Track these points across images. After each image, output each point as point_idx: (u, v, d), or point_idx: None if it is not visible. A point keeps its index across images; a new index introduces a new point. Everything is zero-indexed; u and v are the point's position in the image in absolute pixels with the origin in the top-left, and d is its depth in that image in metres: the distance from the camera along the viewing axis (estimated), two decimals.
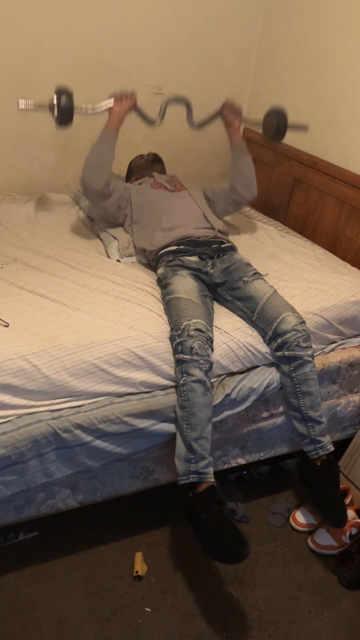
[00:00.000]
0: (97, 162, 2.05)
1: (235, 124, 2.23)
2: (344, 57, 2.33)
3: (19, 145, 2.58)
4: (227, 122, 2.23)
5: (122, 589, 1.74)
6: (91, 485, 1.73)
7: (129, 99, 2.07)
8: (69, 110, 1.97)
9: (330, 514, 1.78)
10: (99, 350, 1.58)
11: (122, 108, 2.05)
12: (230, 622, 1.69)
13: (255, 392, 1.77)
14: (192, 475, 1.60)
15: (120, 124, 2.07)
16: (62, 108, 1.96)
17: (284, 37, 2.67)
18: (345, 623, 1.72)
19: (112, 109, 2.05)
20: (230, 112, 2.21)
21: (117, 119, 2.05)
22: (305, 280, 2.04)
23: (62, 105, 1.96)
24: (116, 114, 2.05)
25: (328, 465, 1.80)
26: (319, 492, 1.79)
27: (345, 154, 2.38)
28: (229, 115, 2.21)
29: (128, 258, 2.13)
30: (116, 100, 2.05)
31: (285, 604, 1.76)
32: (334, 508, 1.78)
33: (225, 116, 2.23)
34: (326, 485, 1.78)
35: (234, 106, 2.22)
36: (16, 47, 2.37)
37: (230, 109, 2.21)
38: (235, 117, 2.22)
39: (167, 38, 2.63)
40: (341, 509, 1.79)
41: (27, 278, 1.87)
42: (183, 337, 1.62)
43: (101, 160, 2.05)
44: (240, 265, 1.96)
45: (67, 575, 1.77)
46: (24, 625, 1.62)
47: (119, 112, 2.05)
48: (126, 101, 2.06)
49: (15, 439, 1.49)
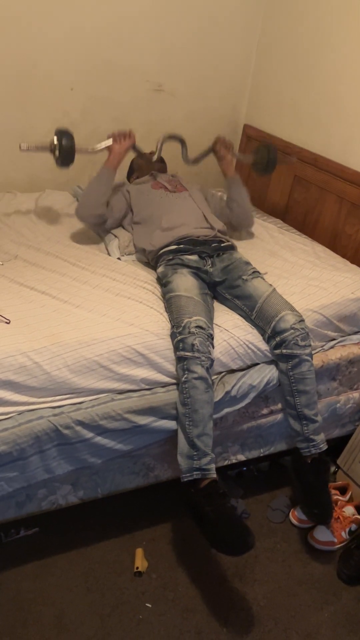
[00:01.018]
0: (92, 199, 2.13)
1: (228, 158, 2.35)
2: (344, 55, 2.33)
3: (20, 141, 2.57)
4: (220, 156, 2.35)
5: (123, 585, 1.75)
6: (92, 481, 1.73)
7: (127, 138, 2.16)
8: (71, 151, 2.03)
9: (316, 511, 1.81)
10: (100, 347, 1.59)
11: (121, 147, 2.15)
12: (230, 617, 1.70)
13: (255, 389, 1.78)
14: (196, 472, 1.60)
15: (119, 163, 2.16)
16: (63, 149, 2.02)
17: (283, 35, 2.66)
18: (345, 618, 1.73)
19: (111, 148, 2.14)
20: (222, 147, 2.34)
21: (117, 158, 2.14)
22: (305, 278, 2.04)
23: (64, 146, 2.02)
24: (116, 153, 2.14)
25: (319, 463, 1.82)
26: (307, 489, 1.81)
27: (345, 151, 2.38)
28: (221, 150, 2.34)
29: (128, 256, 2.14)
30: (115, 140, 2.13)
31: (285, 599, 1.77)
32: (320, 506, 1.81)
33: (217, 151, 2.35)
34: (315, 482, 1.80)
35: (225, 141, 2.35)
36: (18, 45, 2.37)
37: (222, 144, 2.33)
38: (227, 151, 2.34)
39: (168, 35, 2.62)
40: (328, 507, 1.82)
41: (28, 275, 1.87)
42: (184, 334, 1.63)
43: (97, 197, 2.13)
44: (239, 264, 1.96)
45: (68, 571, 1.77)
46: (25, 620, 1.63)
47: (118, 151, 2.14)
48: (125, 141, 2.16)
49: (16, 436, 1.49)
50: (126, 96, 2.67)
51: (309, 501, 1.82)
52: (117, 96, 2.65)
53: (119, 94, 2.65)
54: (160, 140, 2.28)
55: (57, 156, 2.05)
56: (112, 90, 2.64)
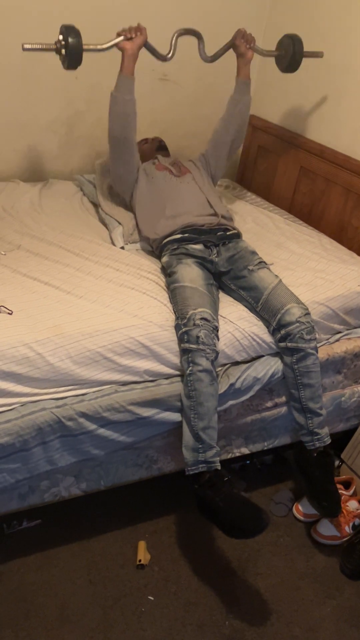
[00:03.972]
0: (121, 110, 1.99)
1: (248, 55, 2.16)
2: (352, 44, 2.30)
3: (23, 131, 2.55)
4: (240, 52, 2.16)
5: (125, 577, 1.75)
6: (95, 473, 1.73)
7: (139, 35, 1.96)
8: (78, 50, 1.85)
9: (325, 504, 1.79)
10: (104, 338, 1.57)
11: (134, 45, 1.95)
12: (232, 610, 1.69)
13: (259, 381, 1.76)
14: (201, 464, 1.59)
15: (134, 64, 1.98)
16: (70, 47, 1.84)
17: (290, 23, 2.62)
18: (348, 612, 1.73)
19: (123, 46, 1.95)
20: (243, 42, 2.14)
21: (131, 60, 1.96)
22: (311, 270, 2.02)
23: (71, 45, 1.83)
24: (129, 54, 1.95)
25: (324, 456, 1.80)
26: (314, 483, 1.79)
27: (353, 142, 2.35)
28: (242, 46, 2.14)
29: (132, 245, 2.12)
30: (126, 38, 1.95)
31: (288, 593, 1.76)
32: (328, 498, 1.79)
33: (238, 46, 2.15)
34: (321, 476, 1.79)
35: (247, 35, 2.14)
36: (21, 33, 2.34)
37: (243, 38, 2.14)
38: (248, 47, 2.14)
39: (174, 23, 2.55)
40: (336, 499, 1.80)
41: (31, 265, 1.85)
42: (189, 326, 1.61)
43: (124, 107, 2.00)
44: (245, 254, 1.94)
45: (71, 563, 1.77)
46: (27, 612, 1.63)
47: (131, 50, 1.95)
48: (137, 38, 1.95)
49: (19, 427, 1.49)
50: None
51: (317, 495, 1.80)
52: None
53: None
54: (174, 36, 2.09)
55: (63, 55, 1.88)
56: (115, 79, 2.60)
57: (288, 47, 2.19)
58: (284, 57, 2.23)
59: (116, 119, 2.02)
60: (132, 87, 2.00)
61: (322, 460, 1.80)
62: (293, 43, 2.17)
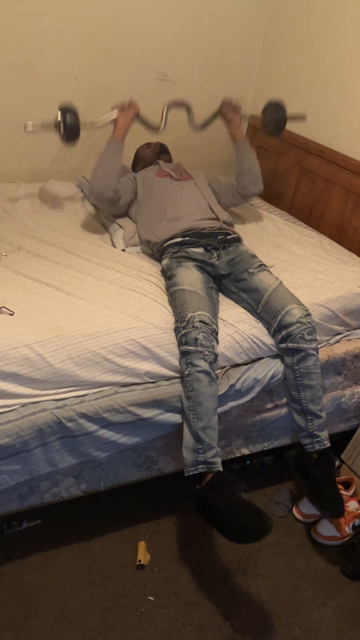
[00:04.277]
0: (105, 171, 2.07)
1: (236, 121, 2.27)
2: (351, 45, 2.30)
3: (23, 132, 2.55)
4: (228, 119, 2.28)
5: (125, 578, 1.75)
6: (95, 474, 1.73)
7: (131, 108, 2.13)
8: (76, 127, 2.01)
9: (328, 505, 1.79)
10: (104, 339, 1.57)
11: (126, 118, 2.11)
12: (232, 611, 1.69)
13: (259, 383, 1.77)
14: (201, 465, 1.59)
15: (126, 133, 2.12)
16: (68, 126, 2.00)
17: (290, 25, 2.63)
18: (348, 613, 1.73)
19: (116, 119, 2.11)
20: (229, 110, 2.26)
21: (123, 128, 2.11)
22: (311, 271, 2.03)
23: (68, 123, 1.99)
24: (121, 123, 2.10)
25: (325, 458, 1.80)
26: (315, 484, 1.79)
27: (353, 143, 2.36)
28: (229, 113, 2.26)
29: (133, 248, 2.12)
30: (120, 111, 2.11)
31: (288, 593, 1.76)
32: (331, 499, 1.79)
33: (225, 114, 2.27)
34: (323, 477, 1.79)
35: (232, 103, 2.25)
36: (23, 34, 2.34)
37: (229, 106, 2.25)
38: (234, 114, 2.26)
39: (173, 24, 2.59)
40: (338, 500, 1.80)
41: (31, 266, 1.86)
42: (187, 328, 1.61)
43: (109, 169, 2.08)
44: (245, 257, 1.94)
45: (71, 563, 1.77)
46: (27, 612, 1.63)
47: (124, 121, 2.11)
48: (129, 110, 2.12)
49: (19, 428, 1.49)
50: (131, 86, 2.64)
51: (320, 496, 1.80)
52: (122, 86, 2.62)
53: (123, 83, 2.62)
54: (164, 108, 2.21)
55: (62, 133, 2.03)
56: (116, 80, 2.61)
57: (272, 113, 2.30)
58: (269, 122, 2.34)
59: (99, 177, 2.08)
60: (120, 151, 2.12)
61: (322, 461, 1.80)
62: (277, 109, 2.29)
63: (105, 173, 2.07)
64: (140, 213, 2.16)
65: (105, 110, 2.15)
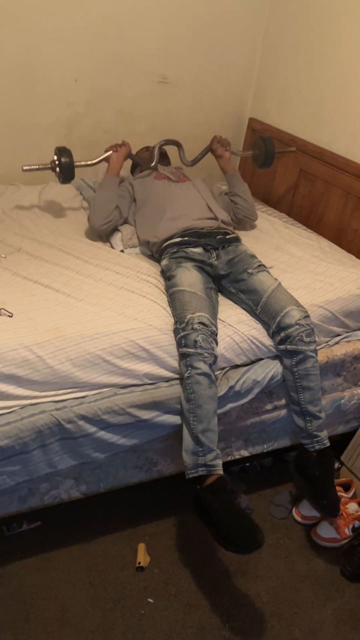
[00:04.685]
0: (102, 207, 2.13)
1: (226, 156, 2.36)
2: (350, 48, 2.30)
3: (23, 134, 2.56)
4: (218, 155, 2.37)
5: (125, 580, 1.75)
6: (94, 475, 1.73)
7: (124, 147, 2.22)
8: (70, 167, 2.14)
9: (325, 502, 1.78)
10: (103, 341, 1.57)
11: (119, 155, 2.21)
12: (232, 613, 1.69)
13: (259, 384, 1.77)
14: (201, 468, 1.59)
15: (119, 169, 2.22)
16: (63, 166, 2.13)
17: (290, 27, 2.63)
18: (348, 615, 1.72)
19: (110, 157, 2.20)
20: (219, 146, 2.35)
21: (117, 165, 2.21)
22: (310, 272, 2.03)
23: (63, 164, 2.13)
24: (114, 162, 2.20)
25: (324, 456, 1.80)
26: (314, 482, 1.79)
27: (352, 145, 2.36)
28: (219, 149, 2.35)
29: (132, 249, 2.12)
30: (113, 150, 2.21)
31: (288, 595, 1.76)
32: (328, 497, 1.78)
33: (215, 150, 2.36)
34: (321, 475, 1.78)
35: (222, 140, 2.36)
36: (22, 37, 2.35)
37: (219, 142, 2.35)
38: (224, 150, 2.35)
39: (173, 27, 2.60)
40: (335, 498, 1.80)
41: (31, 268, 1.86)
42: (187, 330, 1.61)
43: (106, 204, 2.13)
44: (244, 257, 1.94)
45: (71, 565, 1.77)
46: (27, 614, 1.63)
47: (117, 159, 2.20)
48: (122, 149, 2.21)
49: (18, 430, 1.49)
50: (130, 88, 2.65)
51: (317, 494, 1.79)
52: (122, 88, 2.63)
53: (123, 85, 2.63)
54: (155, 147, 2.33)
55: (58, 173, 2.17)
56: (116, 82, 2.62)
57: (261, 147, 2.43)
58: (258, 156, 2.47)
59: (98, 213, 2.13)
60: (115, 185, 2.21)
61: (322, 460, 1.79)
62: (265, 144, 2.41)
63: (104, 208, 2.13)
64: (139, 215, 2.17)
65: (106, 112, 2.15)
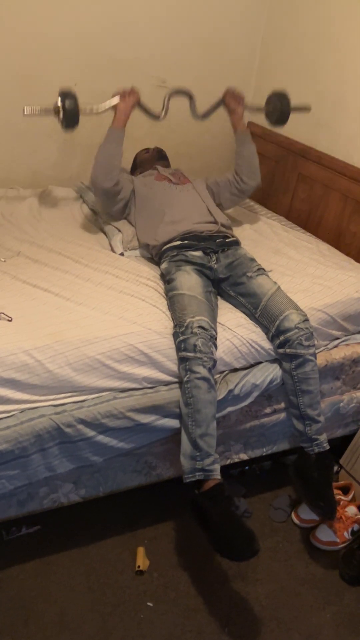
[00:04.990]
0: (106, 161, 2.06)
1: (239, 111, 2.25)
2: (348, 52, 2.31)
3: (22, 138, 2.57)
4: (230, 109, 2.25)
5: (124, 584, 1.75)
6: (94, 479, 1.73)
7: (132, 95, 2.10)
8: (75, 112, 1.99)
9: (321, 504, 1.78)
10: (103, 345, 1.58)
11: (127, 105, 2.08)
12: (232, 617, 1.69)
13: (258, 388, 1.77)
14: (198, 472, 1.59)
15: (126, 121, 2.09)
16: (67, 111, 1.98)
17: (288, 31, 2.64)
18: (347, 619, 1.72)
19: (117, 106, 2.07)
20: (232, 100, 2.23)
21: (123, 116, 2.08)
22: (309, 276, 2.03)
23: (67, 108, 1.97)
24: (122, 111, 2.07)
25: (323, 459, 1.80)
26: (311, 484, 1.78)
27: (350, 149, 2.37)
28: (232, 103, 2.23)
29: (132, 251, 2.13)
30: (120, 98, 2.08)
31: (287, 599, 1.76)
32: (325, 499, 1.78)
33: (228, 104, 2.24)
34: (319, 477, 1.78)
35: (236, 93, 2.23)
36: (21, 41, 2.36)
37: (232, 96, 2.23)
38: (237, 104, 2.23)
39: (172, 31, 2.61)
40: (332, 500, 1.79)
41: (30, 272, 1.86)
42: (186, 334, 1.62)
43: (110, 159, 2.06)
44: (244, 261, 1.95)
45: (70, 569, 1.77)
46: (26, 619, 1.62)
47: (124, 108, 2.07)
48: (130, 97, 2.09)
49: (18, 434, 1.49)
50: None
51: (314, 495, 1.79)
52: None
53: None
54: (166, 96, 2.20)
55: (61, 118, 2.01)
56: (115, 86, 2.61)
57: (276, 104, 2.26)
58: (272, 113, 2.30)
59: (100, 169, 2.06)
60: (121, 139, 2.09)
61: (321, 462, 1.79)
62: (280, 100, 2.24)
63: (107, 163, 2.05)
64: (139, 216, 2.17)
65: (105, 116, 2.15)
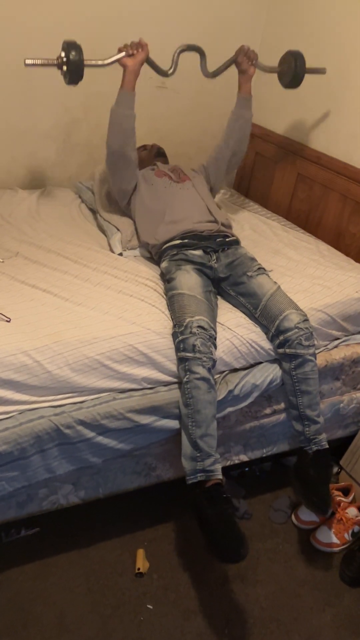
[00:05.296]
0: (120, 125, 2.00)
1: (250, 72, 2.18)
2: (348, 52, 2.31)
3: (21, 138, 2.56)
4: (242, 69, 2.18)
5: (124, 586, 1.74)
6: (93, 481, 1.72)
7: (140, 50, 1.95)
8: (79, 65, 1.85)
9: (315, 499, 1.75)
10: (102, 346, 1.57)
11: (135, 61, 1.95)
12: (232, 619, 1.68)
13: (258, 388, 1.76)
14: (200, 473, 1.58)
15: (135, 80, 1.98)
16: (71, 62, 1.83)
17: (287, 31, 2.64)
18: (347, 620, 1.72)
19: (124, 63, 1.95)
20: (245, 59, 2.15)
21: (132, 76, 1.96)
22: (309, 276, 2.03)
23: (72, 59, 1.83)
24: (130, 70, 1.95)
25: (320, 457, 1.79)
26: (307, 480, 1.77)
27: (349, 149, 2.36)
28: (244, 62, 2.15)
29: (131, 251, 2.12)
30: (128, 54, 1.94)
31: (287, 601, 1.75)
32: (319, 495, 1.75)
33: (240, 63, 2.17)
34: (315, 474, 1.76)
35: (249, 52, 2.15)
36: (18, 41, 2.35)
37: (245, 55, 2.14)
38: (250, 64, 2.16)
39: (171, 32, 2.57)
40: (326, 497, 1.77)
41: (29, 272, 1.85)
42: (185, 334, 1.61)
43: (123, 122, 2.00)
44: (244, 260, 1.94)
45: (69, 571, 1.76)
46: (25, 621, 1.62)
47: (132, 66, 1.95)
48: (138, 54, 1.95)
49: (17, 435, 1.48)
50: None
51: (308, 490, 1.76)
52: None
53: None
54: (176, 52, 2.10)
55: (64, 71, 1.87)
56: (114, 87, 2.60)
57: (290, 64, 2.17)
58: (286, 74, 2.22)
59: (115, 134, 2.01)
60: (132, 103, 2.00)
61: (318, 460, 1.78)
62: (295, 60, 2.15)
63: (121, 127, 1.99)
64: (140, 214, 2.15)
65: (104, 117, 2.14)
